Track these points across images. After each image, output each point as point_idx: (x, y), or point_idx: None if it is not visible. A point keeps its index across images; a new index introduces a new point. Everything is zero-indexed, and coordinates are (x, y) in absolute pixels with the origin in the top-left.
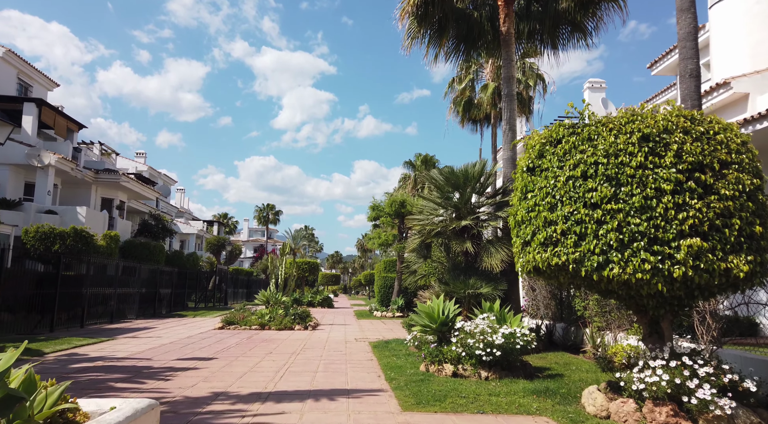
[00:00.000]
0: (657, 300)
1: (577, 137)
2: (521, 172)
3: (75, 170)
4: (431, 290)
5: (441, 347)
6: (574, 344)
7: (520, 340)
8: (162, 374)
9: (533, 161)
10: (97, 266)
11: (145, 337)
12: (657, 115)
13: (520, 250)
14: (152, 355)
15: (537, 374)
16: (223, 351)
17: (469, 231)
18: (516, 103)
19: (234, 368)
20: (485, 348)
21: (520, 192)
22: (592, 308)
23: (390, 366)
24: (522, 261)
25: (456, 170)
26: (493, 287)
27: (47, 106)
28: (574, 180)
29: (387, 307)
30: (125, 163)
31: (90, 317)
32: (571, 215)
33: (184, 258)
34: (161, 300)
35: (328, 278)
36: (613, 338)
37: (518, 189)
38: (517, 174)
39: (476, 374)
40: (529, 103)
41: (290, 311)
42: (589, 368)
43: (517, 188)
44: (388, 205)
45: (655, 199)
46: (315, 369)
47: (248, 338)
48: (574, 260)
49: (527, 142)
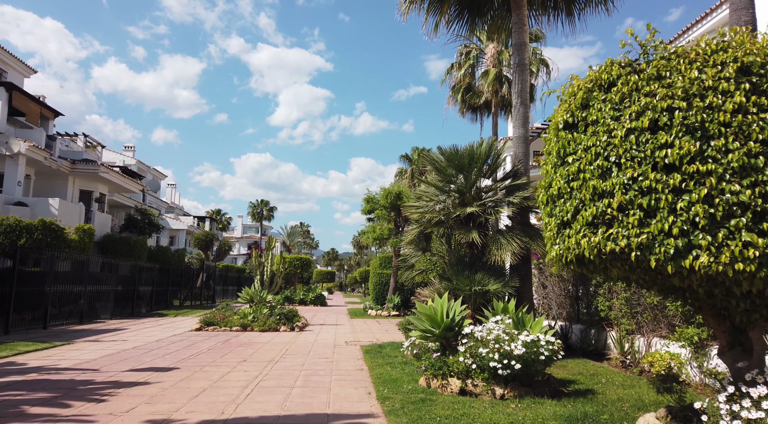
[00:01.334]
0: (751, 302)
1: (640, 76)
2: (555, 130)
3: (49, 160)
4: (431, 287)
5: (445, 357)
6: (595, 350)
7: (544, 349)
8: (99, 393)
9: (574, 114)
10: (64, 262)
11: (109, 340)
12: (761, 40)
13: (555, 234)
14: (103, 364)
15: (562, 390)
16: (189, 359)
17: (475, 219)
18: (528, 74)
19: (193, 382)
20: (501, 360)
21: (556, 156)
22: (618, 308)
23: (383, 379)
24: (558, 249)
25: (460, 150)
26: (503, 284)
27: (18, 91)
28: (638, 134)
29: (382, 305)
30: (112, 157)
31: (57, 317)
32: (633, 182)
33: (168, 254)
34: (140, 298)
35: (323, 275)
36: (645, 344)
37: (552, 152)
38: (548, 134)
39: (489, 391)
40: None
41: (276, 311)
42: (624, 382)
43: (550, 151)
44: (384, 198)
45: (764, 157)
46: (292, 383)
47: (224, 342)
48: (639, 246)
49: (565, 92)
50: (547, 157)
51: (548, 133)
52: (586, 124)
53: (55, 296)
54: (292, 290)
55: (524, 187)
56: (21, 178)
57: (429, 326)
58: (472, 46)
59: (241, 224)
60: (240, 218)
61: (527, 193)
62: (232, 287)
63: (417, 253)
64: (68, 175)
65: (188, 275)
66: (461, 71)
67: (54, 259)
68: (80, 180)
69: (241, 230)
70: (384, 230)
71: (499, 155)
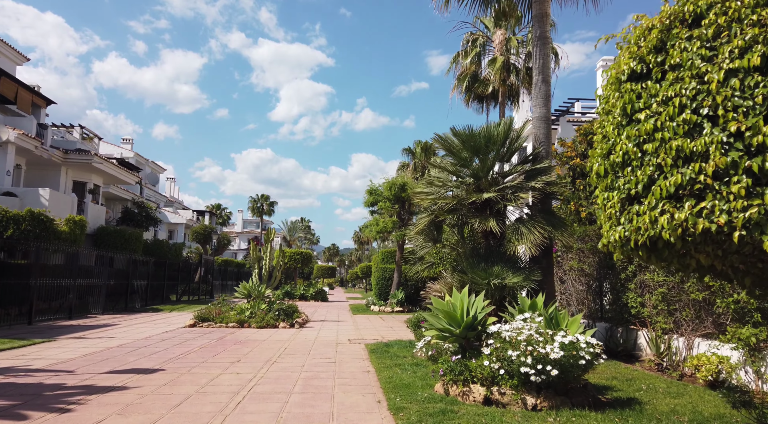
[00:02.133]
0: None
1: (743, 1)
2: (617, 84)
3: (39, 149)
4: (442, 281)
5: (466, 361)
6: (624, 350)
7: (585, 352)
8: (66, 400)
9: (646, 59)
10: (52, 254)
11: (94, 337)
12: None
13: (619, 211)
14: (80, 365)
15: (601, 398)
16: (177, 359)
17: (493, 206)
18: (550, 48)
19: (178, 386)
20: (535, 364)
21: (621, 114)
22: (653, 304)
23: (394, 384)
24: (621, 230)
25: (475, 131)
26: (524, 277)
27: (7, 77)
28: (744, 76)
29: (385, 301)
30: (110, 149)
31: (45, 312)
32: (737, 139)
33: (165, 247)
34: (135, 293)
35: (324, 270)
36: (686, 345)
37: (614, 111)
38: (606, 90)
39: (519, 400)
40: None
41: (274, 306)
42: (669, 389)
43: (609, 110)
44: (387, 189)
45: None
46: (290, 389)
47: (219, 340)
48: (746, 223)
49: (628, 36)
50: (603, 119)
51: (604, 90)
52: (663, 71)
53: (42, 289)
54: (293, 285)
55: (546, 172)
56: (10, 168)
57: (447, 325)
58: (478, 34)
59: (241, 219)
60: (240, 213)
61: (550, 177)
62: (231, 281)
63: (427, 244)
64: (61, 166)
65: (186, 269)
66: (467, 59)
67: (40, 250)
68: (73, 171)
69: (241, 224)
70: (388, 222)
71: (519, 136)
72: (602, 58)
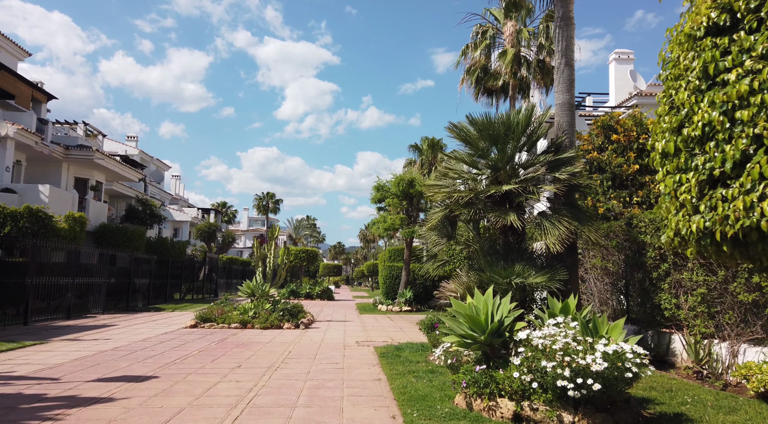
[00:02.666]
0: None
1: None
2: (689, 41)
3: (40, 144)
4: (457, 279)
5: (492, 371)
6: (656, 356)
7: (631, 363)
8: (42, 415)
9: (733, 8)
10: (50, 252)
11: (90, 339)
12: None
13: (696, 196)
14: (68, 371)
15: (645, 414)
16: (173, 364)
17: (513, 200)
18: (573, 30)
19: (170, 397)
20: (574, 377)
21: (699, 76)
22: (690, 306)
23: (409, 395)
24: (698, 220)
25: (493, 119)
26: (549, 276)
27: (6, 71)
28: None
29: (393, 300)
30: (115, 147)
31: (43, 312)
32: None
33: (169, 245)
34: (137, 292)
35: (330, 268)
36: (729, 351)
37: (688, 74)
38: (673, 50)
39: (555, 417)
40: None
41: (279, 306)
42: (718, 402)
43: (686, 70)
44: (395, 185)
45: None
46: (294, 401)
47: (220, 342)
48: None
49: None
50: (670, 85)
51: (672, 51)
52: (759, 19)
53: (39, 288)
54: (298, 284)
55: (571, 162)
56: (9, 164)
57: (470, 331)
58: (488, 26)
59: (246, 217)
60: (246, 211)
61: (575, 168)
62: (236, 280)
63: (440, 241)
64: (62, 162)
65: (190, 268)
66: (477, 52)
67: (36, 248)
68: (75, 167)
69: (247, 222)
70: (396, 219)
71: (540, 123)
72: (615, 51)
